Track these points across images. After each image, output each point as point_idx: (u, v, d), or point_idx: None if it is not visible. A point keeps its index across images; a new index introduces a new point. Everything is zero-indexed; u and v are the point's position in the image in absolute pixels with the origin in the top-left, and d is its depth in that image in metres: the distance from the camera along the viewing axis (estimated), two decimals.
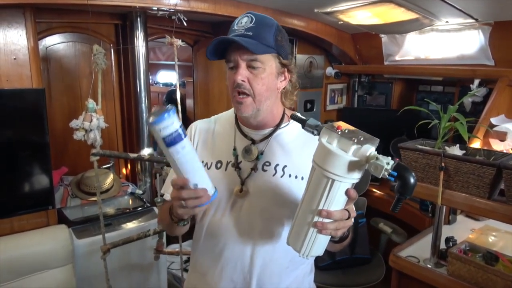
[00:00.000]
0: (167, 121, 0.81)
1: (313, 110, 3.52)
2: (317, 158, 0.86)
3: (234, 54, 1.02)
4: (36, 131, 2.02)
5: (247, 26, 1.01)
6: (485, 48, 2.36)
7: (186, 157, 0.87)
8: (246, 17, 1.03)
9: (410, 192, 0.81)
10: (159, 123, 0.81)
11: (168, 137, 0.82)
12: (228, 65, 1.04)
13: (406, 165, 0.81)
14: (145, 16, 2.60)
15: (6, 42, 1.87)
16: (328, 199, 0.85)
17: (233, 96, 1.05)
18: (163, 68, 5.70)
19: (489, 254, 1.67)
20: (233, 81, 1.03)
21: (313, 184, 0.88)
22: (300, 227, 0.91)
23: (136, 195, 2.70)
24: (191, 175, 0.89)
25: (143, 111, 2.72)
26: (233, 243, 1.09)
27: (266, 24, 1.03)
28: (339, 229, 0.88)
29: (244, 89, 1.02)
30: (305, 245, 0.90)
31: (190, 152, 0.88)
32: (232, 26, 1.05)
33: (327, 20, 2.78)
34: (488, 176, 1.54)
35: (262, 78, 1.03)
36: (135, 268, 2.41)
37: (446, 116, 1.71)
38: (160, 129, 0.81)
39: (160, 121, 0.81)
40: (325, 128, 0.87)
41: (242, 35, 1.00)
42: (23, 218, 2.05)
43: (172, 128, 0.82)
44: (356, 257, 2.51)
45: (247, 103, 1.04)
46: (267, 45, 1.02)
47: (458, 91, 2.98)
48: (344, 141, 0.82)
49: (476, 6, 2.13)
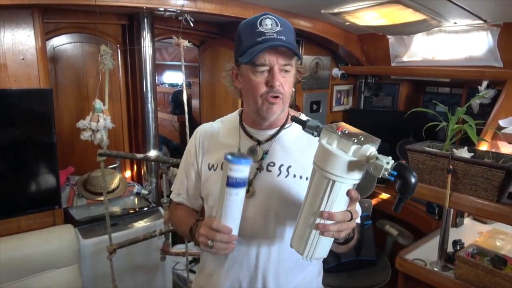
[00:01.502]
0: (241, 166, 0.88)
1: (319, 111, 3.51)
2: (317, 160, 0.87)
3: (271, 58, 1.01)
4: (43, 131, 2.04)
5: (276, 29, 1.02)
6: (493, 50, 2.34)
7: (236, 203, 0.91)
8: (268, 19, 1.03)
9: (411, 192, 0.80)
10: (234, 164, 0.87)
11: (232, 178, 0.88)
12: (260, 68, 1.03)
13: (406, 165, 0.81)
14: (152, 16, 2.60)
15: (15, 43, 1.89)
16: (330, 200, 0.85)
17: (264, 98, 1.04)
18: (169, 69, 5.71)
19: (497, 258, 1.65)
20: (265, 83, 1.03)
21: (314, 186, 0.88)
22: (302, 229, 0.90)
23: (142, 195, 2.71)
24: (230, 221, 0.93)
25: (149, 111, 2.73)
26: (239, 243, 1.08)
27: (290, 28, 1.06)
28: (341, 231, 0.87)
29: (279, 93, 1.04)
30: (308, 248, 0.90)
31: (240, 203, 0.92)
32: (253, 26, 1.03)
33: (334, 21, 2.77)
34: (497, 179, 1.53)
35: (290, 81, 1.06)
36: (140, 268, 2.41)
37: (454, 118, 1.70)
38: (231, 168, 0.87)
39: (235, 162, 0.87)
40: (325, 129, 0.87)
41: (276, 39, 1.01)
42: (30, 218, 2.06)
43: (240, 174, 0.88)
44: (362, 260, 2.49)
45: (279, 104, 1.05)
46: (297, 48, 1.04)
47: (465, 92, 2.95)
48: (344, 141, 0.82)
49: (485, 7, 2.11)
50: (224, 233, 0.92)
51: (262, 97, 1.04)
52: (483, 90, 2.47)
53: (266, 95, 1.04)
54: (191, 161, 1.22)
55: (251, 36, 1.02)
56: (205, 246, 0.94)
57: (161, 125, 4.04)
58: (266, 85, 1.03)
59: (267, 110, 1.05)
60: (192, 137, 1.25)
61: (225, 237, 0.93)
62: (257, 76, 1.04)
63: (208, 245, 0.93)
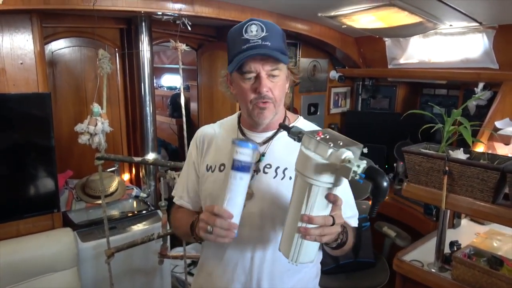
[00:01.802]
0: (248, 150, 0.91)
1: (317, 113, 3.53)
2: (297, 164, 0.89)
3: (256, 65, 1.03)
4: (41, 135, 2.04)
5: (261, 35, 1.03)
6: (489, 52, 2.36)
7: (240, 187, 0.93)
8: (254, 25, 1.04)
9: (383, 195, 0.82)
10: (241, 147, 0.91)
11: (238, 161, 0.91)
12: (247, 75, 1.05)
13: (378, 169, 0.82)
14: (150, 20, 2.61)
15: (13, 47, 1.90)
16: (309, 204, 0.87)
17: (254, 104, 1.07)
18: (167, 72, 5.72)
19: (494, 259, 1.66)
20: (253, 90, 1.05)
21: (296, 190, 0.91)
22: (287, 233, 0.92)
23: (140, 199, 2.71)
24: (232, 207, 0.93)
25: (147, 115, 2.73)
26: (235, 244, 1.10)
27: (276, 32, 1.06)
28: (324, 235, 0.87)
29: (268, 98, 1.05)
30: (293, 251, 0.91)
31: (244, 189, 0.94)
32: (238, 34, 1.05)
33: (330, 24, 2.79)
34: (492, 180, 1.54)
35: (280, 85, 1.08)
36: (139, 272, 2.41)
37: (450, 120, 1.71)
38: (237, 151, 0.91)
39: (242, 145, 0.91)
40: (305, 135, 0.89)
41: (261, 45, 1.02)
42: (29, 221, 2.06)
43: (246, 158, 0.92)
44: (360, 261, 2.50)
45: (270, 108, 1.07)
46: (284, 53, 1.06)
47: (462, 94, 2.97)
48: (322, 146, 0.85)
49: (480, 9, 2.12)
50: (225, 218, 0.92)
51: (252, 103, 1.07)
52: (479, 91, 2.49)
53: (256, 101, 1.06)
54: (192, 162, 1.24)
55: (237, 43, 1.04)
56: (205, 232, 0.93)
57: (160, 128, 4.05)
58: (255, 92, 1.05)
59: (258, 115, 1.08)
60: (193, 138, 1.28)
61: (225, 223, 0.92)
62: (245, 83, 1.06)
63: (208, 231, 0.92)
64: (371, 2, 2.15)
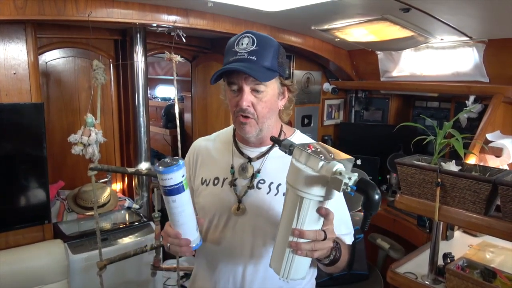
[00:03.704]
0: (170, 175, 0.91)
1: (311, 125, 3.54)
2: (288, 177, 0.89)
3: (239, 79, 1.02)
4: (34, 145, 2.03)
5: (250, 49, 1.01)
6: (479, 65, 2.39)
7: (177, 209, 0.96)
8: (246, 38, 1.03)
9: (375, 208, 0.81)
10: (163, 174, 0.91)
11: (168, 187, 0.92)
12: (231, 87, 1.05)
13: (370, 181, 0.82)
14: (145, 32, 2.63)
15: (6, 57, 1.90)
16: (300, 218, 0.85)
17: (236, 117, 1.06)
18: (161, 83, 5.73)
19: (487, 271, 1.66)
20: (235, 103, 1.04)
21: (287, 203, 0.89)
22: (278, 248, 0.91)
23: (133, 210, 2.69)
24: (178, 226, 0.99)
25: (141, 125, 2.73)
26: (227, 259, 1.10)
27: (268, 46, 1.04)
28: (315, 250, 0.86)
29: (248, 113, 1.04)
30: (283, 267, 0.89)
31: (181, 208, 0.96)
32: (231, 46, 1.05)
33: (324, 37, 2.82)
34: (484, 192, 1.55)
35: (265, 101, 1.05)
36: (131, 284, 2.38)
37: (442, 132, 1.73)
38: (164, 178, 0.91)
39: (166, 172, 0.91)
40: (296, 148, 0.89)
41: (246, 59, 1.00)
42: (19, 233, 2.03)
43: (174, 181, 0.92)
44: (354, 273, 2.48)
45: (251, 124, 1.06)
46: (272, 69, 1.03)
47: (453, 107, 3.01)
48: (313, 158, 0.84)
49: (470, 24, 2.17)
50: (173, 238, 0.99)
51: (234, 115, 1.07)
52: (470, 104, 2.52)
53: (237, 114, 1.05)
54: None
55: (228, 54, 1.05)
56: (166, 248, 1.03)
57: (154, 139, 4.03)
58: (236, 105, 1.04)
59: (239, 128, 1.08)
60: (189, 152, 1.27)
61: (175, 241, 0.99)
62: (230, 94, 1.06)
63: (167, 248, 1.02)
64: (363, 16, 2.18)
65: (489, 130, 2.21)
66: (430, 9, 1.94)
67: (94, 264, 2.00)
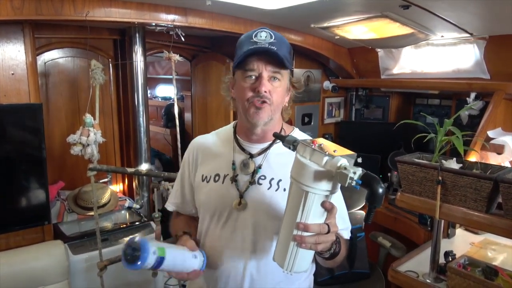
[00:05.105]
0: (142, 265, 0.90)
1: (311, 123, 3.53)
2: (293, 172, 0.90)
3: (259, 64, 1.05)
4: (33, 146, 2.03)
5: (269, 40, 1.05)
6: (480, 62, 2.38)
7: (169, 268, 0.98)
8: (264, 32, 1.07)
9: (379, 201, 0.82)
10: (136, 269, 0.90)
11: (150, 267, 0.93)
12: (248, 73, 1.06)
13: (374, 175, 0.83)
14: (144, 31, 2.62)
15: (4, 58, 1.89)
16: (305, 211, 0.87)
17: (250, 102, 1.07)
18: (162, 82, 5.73)
19: (489, 269, 1.65)
20: (252, 89, 1.06)
21: (291, 198, 0.91)
22: (282, 242, 0.93)
23: (133, 210, 2.68)
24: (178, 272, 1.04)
25: (141, 125, 2.72)
26: (227, 255, 1.10)
27: (284, 42, 1.09)
28: (319, 243, 0.88)
29: (266, 98, 1.06)
30: (287, 260, 0.91)
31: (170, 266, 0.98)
32: (249, 37, 1.07)
33: (323, 35, 2.81)
34: (485, 189, 1.53)
35: (279, 91, 1.09)
36: (132, 284, 2.37)
37: (442, 130, 1.71)
38: (141, 268, 0.91)
39: (135, 268, 0.90)
40: (301, 143, 0.91)
41: (267, 48, 1.04)
42: (19, 234, 2.03)
43: (149, 265, 0.92)
44: (355, 272, 2.48)
45: (266, 109, 1.07)
46: (289, 61, 1.07)
47: (454, 104, 2.99)
48: (317, 154, 0.86)
49: (471, 21, 2.15)
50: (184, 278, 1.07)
51: (249, 101, 1.07)
52: (471, 101, 2.50)
53: (253, 99, 1.06)
54: (185, 172, 1.26)
55: (245, 45, 1.06)
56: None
57: (154, 138, 4.03)
58: (254, 91, 1.06)
59: (253, 114, 1.07)
60: (187, 149, 1.28)
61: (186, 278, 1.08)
62: (246, 82, 1.07)
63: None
64: (363, 14, 2.17)
65: (490, 127, 2.20)
66: (430, 6, 1.93)
67: (95, 264, 2.00)
